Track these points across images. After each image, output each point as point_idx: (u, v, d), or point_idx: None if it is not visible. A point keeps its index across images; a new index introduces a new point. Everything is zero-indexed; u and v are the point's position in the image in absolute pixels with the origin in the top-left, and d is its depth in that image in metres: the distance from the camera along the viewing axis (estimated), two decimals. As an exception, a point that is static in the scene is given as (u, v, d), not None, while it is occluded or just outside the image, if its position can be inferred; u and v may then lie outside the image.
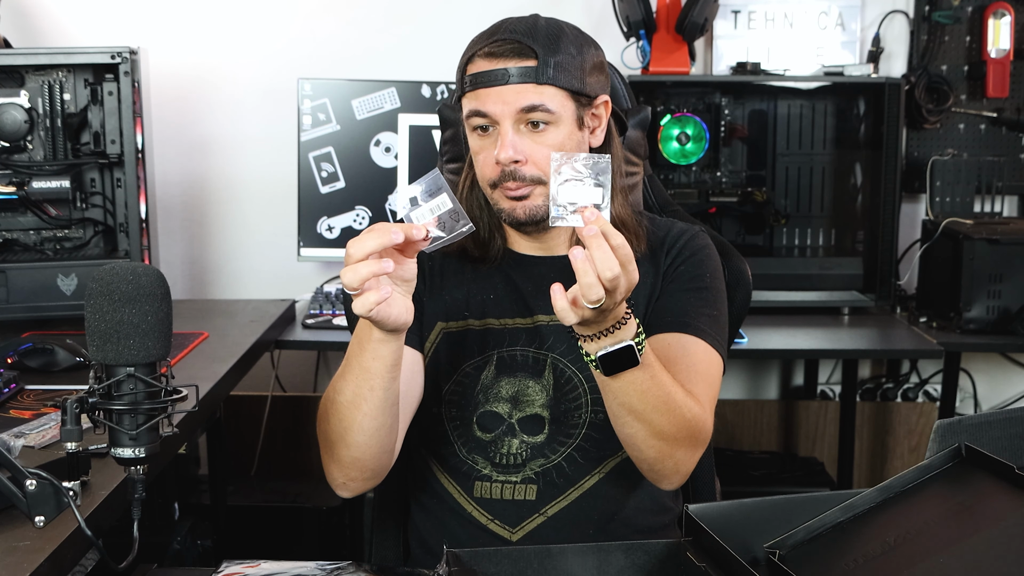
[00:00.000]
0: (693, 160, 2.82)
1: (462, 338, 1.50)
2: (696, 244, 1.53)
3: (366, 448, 1.36)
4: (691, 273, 1.50)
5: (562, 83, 1.40)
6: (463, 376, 1.49)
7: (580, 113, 1.43)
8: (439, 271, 1.55)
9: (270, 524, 2.79)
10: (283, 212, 2.98)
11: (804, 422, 3.19)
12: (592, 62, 1.44)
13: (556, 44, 1.40)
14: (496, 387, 1.48)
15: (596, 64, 1.45)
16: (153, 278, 1.17)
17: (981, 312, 2.61)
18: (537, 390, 1.47)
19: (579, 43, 1.43)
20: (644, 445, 1.35)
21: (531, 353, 1.48)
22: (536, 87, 1.38)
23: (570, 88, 1.40)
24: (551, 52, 1.39)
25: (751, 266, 1.70)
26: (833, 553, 1.06)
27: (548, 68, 1.38)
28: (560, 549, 1.17)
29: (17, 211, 2.35)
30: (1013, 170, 3.01)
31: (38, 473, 1.22)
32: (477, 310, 1.51)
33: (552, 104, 1.39)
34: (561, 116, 1.41)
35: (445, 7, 3.03)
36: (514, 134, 1.40)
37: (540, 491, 1.47)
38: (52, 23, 3.00)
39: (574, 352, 1.46)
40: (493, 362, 1.49)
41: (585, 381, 1.46)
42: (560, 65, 1.39)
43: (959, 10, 3.00)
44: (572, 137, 1.42)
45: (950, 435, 1.12)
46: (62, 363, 1.94)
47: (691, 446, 1.37)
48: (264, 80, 3.03)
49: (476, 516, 1.49)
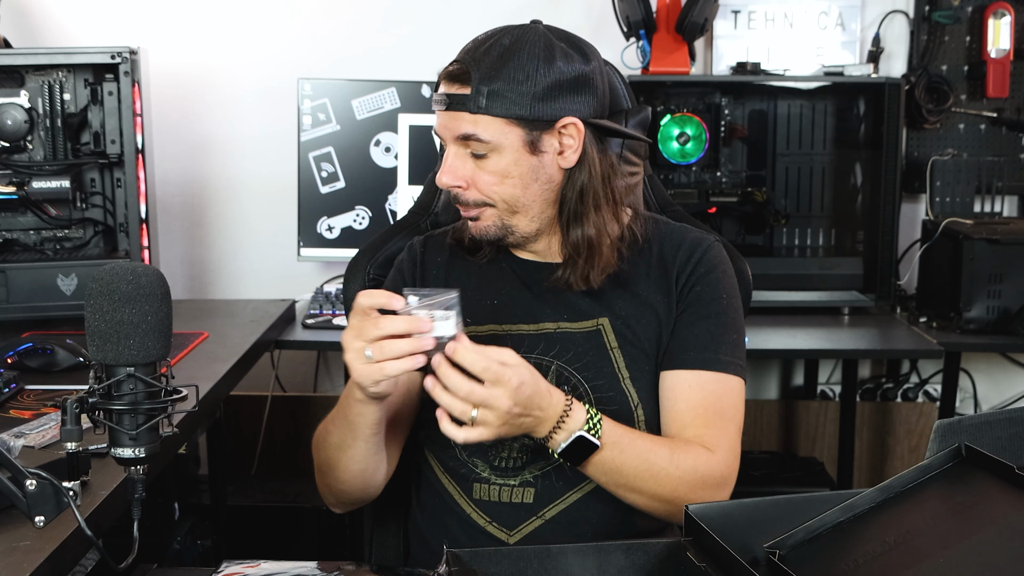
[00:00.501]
0: (693, 160, 2.82)
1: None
2: (710, 260, 1.50)
3: (352, 483, 1.46)
4: (708, 296, 1.47)
5: (497, 112, 1.37)
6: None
7: (532, 138, 1.39)
8: (443, 274, 1.55)
9: (270, 524, 2.79)
10: (283, 212, 2.98)
11: (804, 422, 3.19)
12: (554, 80, 1.38)
13: (498, 70, 1.36)
14: None
15: (565, 81, 1.39)
16: (153, 278, 1.17)
17: (981, 312, 2.61)
18: None
19: (536, 64, 1.37)
20: (649, 508, 1.40)
21: (533, 360, 1.46)
22: (471, 116, 1.37)
23: (509, 116, 1.37)
24: (487, 80, 1.36)
25: (751, 266, 1.69)
26: (833, 553, 1.06)
27: (480, 97, 1.36)
28: (560, 549, 1.17)
29: (17, 211, 2.35)
30: (1013, 170, 3.01)
31: (38, 473, 1.22)
32: (481, 314, 1.51)
33: (486, 134, 1.37)
34: (501, 144, 1.38)
35: (445, 7, 3.03)
36: (456, 159, 1.41)
37: (538, 494, 1.46)
38: (52, 23, 3.00)
39: (580, 360, 1.46)
40: None
41: (591, 391, 1.45)
42: (496, 93, 1.36)
43: (959, 10, 3.00)
44: (520, 163, 1.40)
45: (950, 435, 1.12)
46: (62, 363, 1.94)
47: (705, 493, 1.39)
48: (264, 80, 3.03)
49: (475, 518, 1.49)
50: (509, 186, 1.41)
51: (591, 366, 1.46)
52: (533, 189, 1.42)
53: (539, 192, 1.43)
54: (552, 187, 1.44)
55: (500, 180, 1.40)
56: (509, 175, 1.40)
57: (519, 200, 1.42)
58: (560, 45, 1.40)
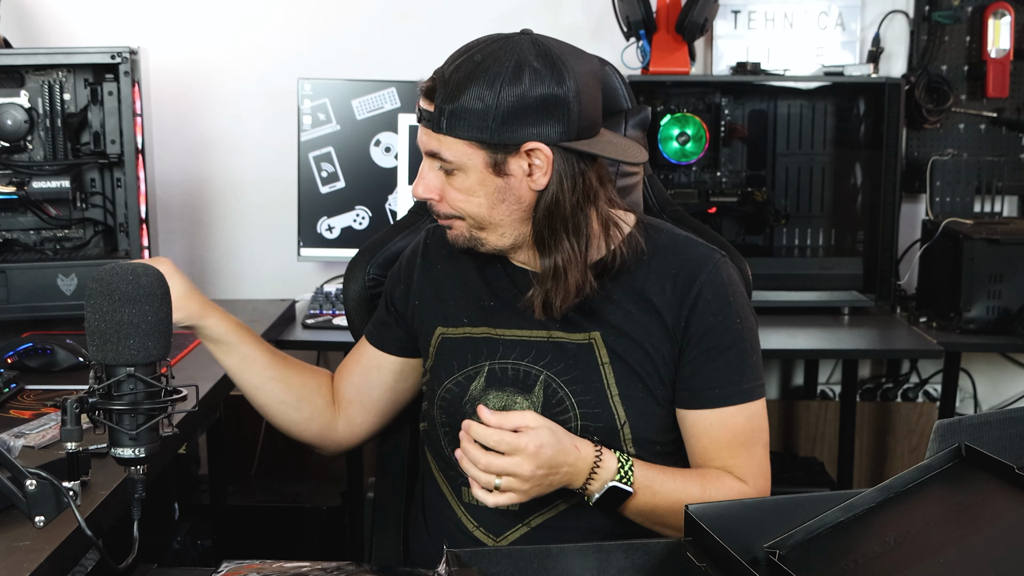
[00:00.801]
0: (693, 160, 2.82)
1: (458, 345, 1.50)
2: (720, 283, 1.45)
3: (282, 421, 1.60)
4: (723, 326, 1.43)
5: (457, 134, 1.35)
6: (454, 384, 1.48)
7: (496, 160, 1.36)
8: (439, 277, 1.55)
9: (270, 524, 2.79)
10: (283, 212, 2.98)
11: (804, 422, 3.19)
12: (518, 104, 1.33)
13: (461, 91, 1.33)
14: (484, 399, 1.46)
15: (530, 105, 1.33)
16: (153, 278, 1.17)
17: (981, 312, 2.61)
18: (524, 405, 1.44)
19: (500, 86, 1.32)
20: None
21: (523, 367, 1.46)
22: (435, 135, 1.38)
23: (469, 138, 1.35)
24: (448, 100, 1.34)
25: (751, 266, 1.69)
26: (833, 553, 1.06)
27: (442, 118, 1.36)
28: (560, 549, 1.17)
29: (17, 211, 2.35)
30: (1013, 170, 3.01)
31: (38, 473, 1.22)
32: (476, 317, 1.50)
33: (449, 154, 1.37)
34: (465, 164, 1.37)
35: (445, 7, 3.03)
36: (429, 171, 1.42)
37: (524, 502, 1.44)
38: (52, 23, 3.00)
39: (570, 373, 1.44)
40: (484, 373, 1.47)
41: (577, 406, 1.44)
42: (456, 114, 1.34)
43: (959, 10, 3.00)
44: (486, 184, 1.38)
45: (950, 435, 1.12)
46: (62, 363, 1.94)
47: None
48: (264, 80, 3.03)
49: (464, 521, 1.49)
50: (475, 204, 1.40)
51: (580, 380, 1.44)
52: (500, 209, 1.40)
53: (507, 212, 1.40)
54: (523, 207, 1.40)
55: (467, 197, 1.40)
56: (474, 193, 1.39)
57: (485, 218, 1.41)
58: (533, 65, 1.33)
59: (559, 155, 1.36)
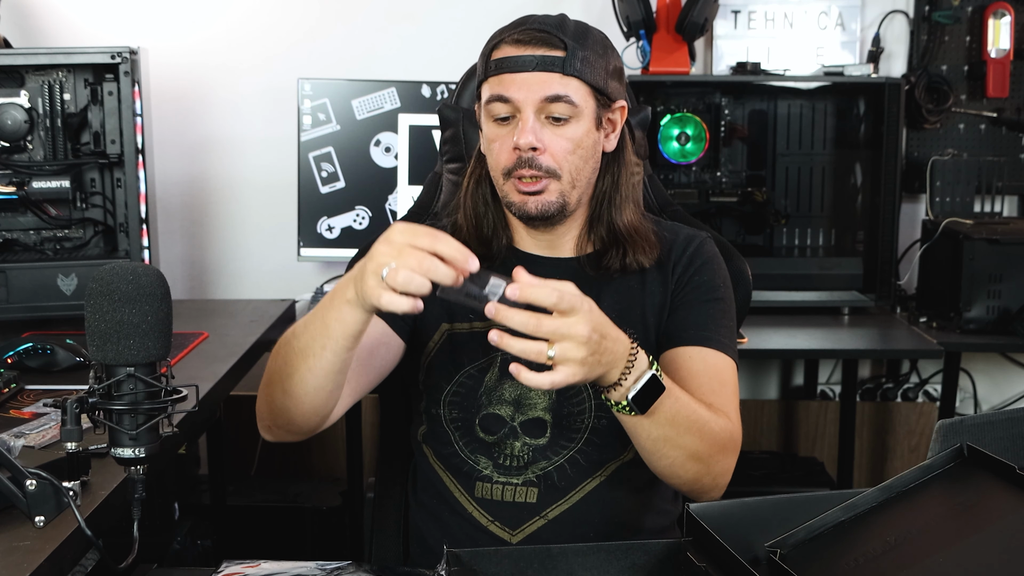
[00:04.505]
0: (693, 160, 2.82)
1: (467, 340, 1.50)
2: (706, 253, 1.53)
3: (299, 401, 1.32)
4: (708, 284, 1.50)
5: (588, 78, 1.39)
6: (466, 378, 1.49)
7: (600, 113, 1.43)
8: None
9: (270, 524, 2.79)
10: (283, 212, 2.98)
11: (804, 422, 3.19)
12: (614, 66, 1.45)
13: (584, 40, 1.40)
14: (499, 390, 1.47)
15: (617, 69, 1.46)
16: (153, 278, 1.17)
17: (981, 312, 2.61)
18: (539, 393, 1.46)
19: (604, 46, 1.44)
20: (682, 470, 1.35)
21: None
22: (562, 77, 1.38)
23: (594, 85, 1.40)
24: (579, 46, 1.39)
25: (751, 266, 1.70)
26: (834, 552, 1.06)
27: (576, 60, 1.38)
28: (560, 549, 1.17)
29: (17, 211, 2.34)
30: (1013, 170, 3.01)
31: (38, 473, 1.22)
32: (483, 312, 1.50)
33: (576, 97, 1.39)
34: (583, 111, 1.40)
35: (445, 7, 3.03)
36: (536, 121, 1.39)
37: (541, 494, 1.46)
38: (52, 23, 3.00)
39: None
40: (497, 364, 1.48)
41: (590, 386, 1.44)
42: (587, 60, 1.39)
43: (959, 10, 3.00)
44: (590, 135, 1.42)
45: (952, 435, 1.12)
46: (62, 363, 1.94)
47: (724, 457, 1.38)
48: (264, 80, 3.03)
49: (477, 517, 1.49)
50: (578, 157, 1.42)
51: None
52: (590, 165, 1.44)
53: (591, 169, 1.45)
54: (596, 168, 1.47)
55: (573, 149, 1.41)
56: (580, 145, 1.41)
57: (580, 173, 1.43)
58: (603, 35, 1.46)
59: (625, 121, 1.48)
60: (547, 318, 1.16)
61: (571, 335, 1.16)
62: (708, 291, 1.49)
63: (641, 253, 1.47)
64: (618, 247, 1.47)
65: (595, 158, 1.45)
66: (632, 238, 1.47)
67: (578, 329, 1.16)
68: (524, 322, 1.15)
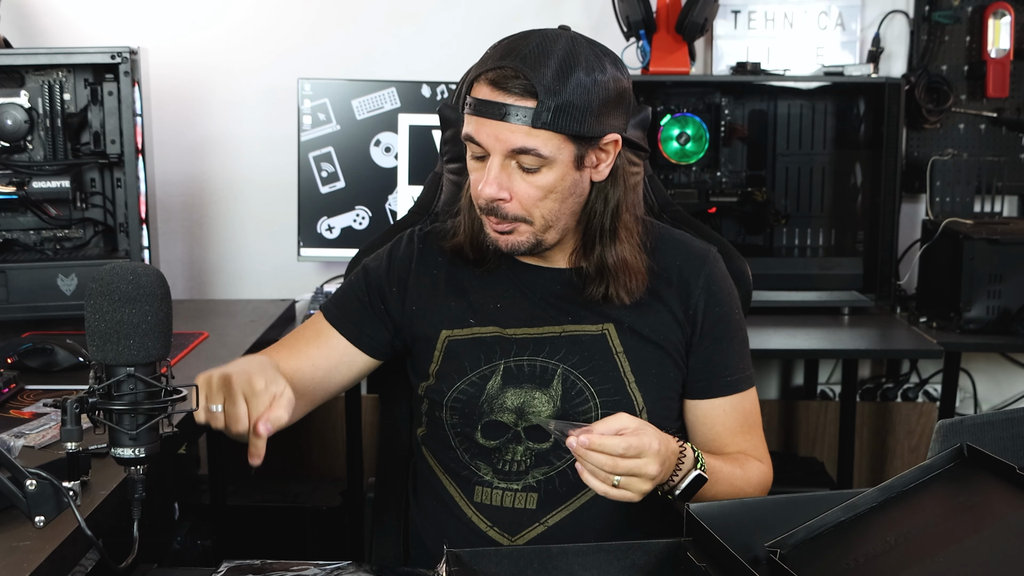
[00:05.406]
0: (693, 160, 2.82)
1: (468, 346, 1.49)
2: (720, 273, 1.53)
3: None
4: (727, 316, 1.51)
5: (560, 128, 1.33)
6: (468, 385, 1.47)
7: (581, 153, 1.37)
8: (444, 275, 1.54)
9: (270, 524, 2.79)
10: (283, 212, 2.98)
11: (804, 422, 3.19)
12: (605, 96, 1.35)
13: (563, 82, 1.32)
14: (502, 397, 1.46)
15: (612, 97, 1.37)
16: (153, 278, 1.16)
17: (981, 312, 2.61)
18: (543, 401, 1.45)
19: (594, 76, 1.34)
20: None
21: (539, 363, 1.46)
22: (530, 131, 1.32)
23: (569, 133, 1.34)
24: (553, 93, 1.31)
25: (751, 266, 1.70)
26: (834, 552, 1.06)
27: (547, 112, 1.31)
28: (560, 549, 1.17)
29: (17, 211, 2.35)
30: (1013, 170, 3.01)
31: (38, 473, 1.22)
32: (483, 318, 1.49)
33: (545, 149, 1.34)
34: (555, 159, 1.35)
35: (445, 7, 3.03)
36: (501, 171, 1.36)
37: (541, 500, 1.46)
38: (52, 23, 3.00)
39: (586, 364, 1.46)
40: (499, 372, 1.47)
41: (596, 395, 1.45)
42: (561, 109, 1.32)
43: (959, 10, 3.00)
44: (566, 179, 1.38)
45: (952, 435, 1.12)
46: (62, 363, 1.94)
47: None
48: (264, 80, 3.03)
49: (476, 522, 1.48)
50: (551, 200, 1.38)
51: (597, 370, 1.45)
52: (568, 203, 1.41)
53: (571, 206, 1.42)
54: (581, 201, 1.43)
55: (544, 195, 1.38)
56: (553, 190, 1.38)
57: (555, 215, 1.40)
58: (601, 55, 1.37)
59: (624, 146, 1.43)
60: (623, 461, 1.26)
61: (642, 474, 1.27)
62: (728, 325, 1.51)
63: (623, 289, 1.45)
64: (602, 279, 1.45)
65: (576, 194, 1.41)
66: (617, 276, 1.45)
67: (648, 469, 1.27)
68: (602, 463, 1.26)
